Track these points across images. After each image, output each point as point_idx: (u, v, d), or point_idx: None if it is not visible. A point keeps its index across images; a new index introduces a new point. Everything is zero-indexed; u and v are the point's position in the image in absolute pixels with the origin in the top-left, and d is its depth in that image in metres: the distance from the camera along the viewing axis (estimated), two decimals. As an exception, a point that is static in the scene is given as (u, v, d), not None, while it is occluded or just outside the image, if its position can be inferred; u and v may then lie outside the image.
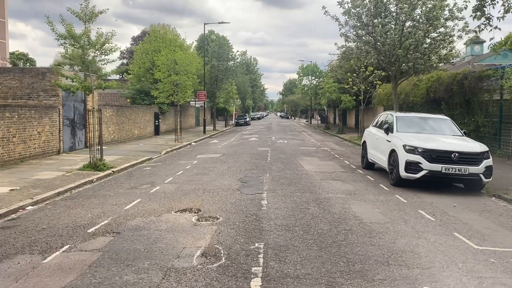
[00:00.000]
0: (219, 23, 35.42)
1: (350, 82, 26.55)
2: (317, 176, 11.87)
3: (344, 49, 37.78)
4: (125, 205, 8.37)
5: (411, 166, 9.89)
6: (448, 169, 9.55)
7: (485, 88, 17.14)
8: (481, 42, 39.88)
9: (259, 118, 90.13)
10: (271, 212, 7.47)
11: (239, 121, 55.04)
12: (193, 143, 25.30)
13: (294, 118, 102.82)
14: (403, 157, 10.04)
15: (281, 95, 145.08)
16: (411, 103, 23.58)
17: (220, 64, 38.95)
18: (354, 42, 19.09)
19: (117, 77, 53.29)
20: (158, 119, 31.22)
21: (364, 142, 13.82)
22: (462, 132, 11.44)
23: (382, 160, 11.68)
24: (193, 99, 40.16)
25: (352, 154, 18.60)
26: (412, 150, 9.96)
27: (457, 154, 9.59)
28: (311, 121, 63.89)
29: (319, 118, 62.53)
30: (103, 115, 22.61)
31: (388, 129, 11.51)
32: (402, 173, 10.07)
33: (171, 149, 20.79)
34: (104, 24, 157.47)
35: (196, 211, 7.69)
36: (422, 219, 7.22)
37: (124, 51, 57.97)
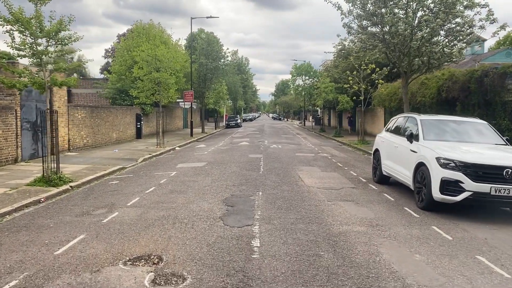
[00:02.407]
0: (207, 17, 32.83)
1: (350, 81, 24.18)
2: (322, 194, 9.45)
3: (340, 47, 35.74)
4: (59, 246, 5.90)
5: (449, 186, 7.52)
6: (500, 191, 7.19)
7: (509, 86, 14.92)
8: (483, 40, 37.98)
9: (251, 120, 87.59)
10: (265, 266, 5.01)
11: (230, 123, 52.47)
12: (177, 148, 22.80)
13: (287, 120, 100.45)
14: (438, 174, 7.67)
15: (273, 96, 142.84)
16: (418, 103, 21.31)
17: (209, 63, 36.41)
18: (358, 34, 16.72)
19: (101, 76, 50.53)
20: (140, 121, 28.64)
21: (377, 150, 11.44)
22: (504, 139, 9.12)
23: (403, 174, 9.31)
24: (180, 100, 37.67)
25: (356, 162, 16.24)
26: (450, 164, 7.60)
27: (510, 171, 7.25)
28: (304, 123, 61.59)
29: (312, 119, 60.25)
30: (74, 117, 20.08)
31: (412, 136, 9.14)
32: (436, 194, 7.70)
33: (150, 155, 18.28)
34: (93, 25, 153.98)
35: (156, 261, 5.23)
36: (492, 276, 4.83)
37: (109, 50, 55.24)
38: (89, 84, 37.69)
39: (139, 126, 28.62)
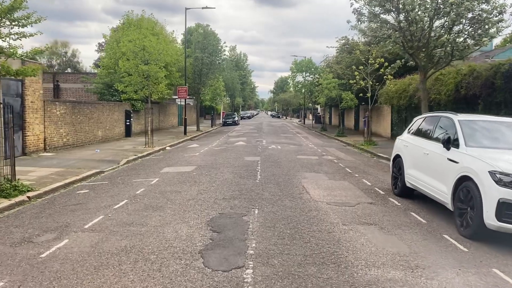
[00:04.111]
0: (203, 8, 30.78)
1: (357, 77, 22.23)
2: (334, 213, 7.52)
3: (344, 41, 33.81)
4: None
5: (511, 211, 5.61)
6: None
7: (544, 82, 13.05)
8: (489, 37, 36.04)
9: (249, 117, 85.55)
10: None
11: (227, 120, 50.48)
12: (167, 148, 20.86)
13: (286, 118, 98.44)
14: (493, 193, 5.75)
15: (272, 94, 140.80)
16: (432, 102, 19.36)
17: (205, 57, 34.37)
18: (370, 22, 14.77)
19: (94, 71, 48.50)
20: (129, 118, 26.63)
21: (398, 156, 9.50)
22: None
23: (436, 190, 7.38)
24: (174, 96, 35.75)
25: (366, 166, 14.32)
26: (509, 180, 5.68)
27: None
28: (304, 121, 59.62)
29: (312, 118, 58.29)
30: (51, 114, 18.08)
31: (449, 141, 7.20)
32: (490, 220, 5.78)
33: (135, 157, 16.34)
34: (92, 20, 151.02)
35: None
36: None
37: (102, 43, 53.21)
38: (78, 79, 35.76)
39: (128, 123, 26.62)
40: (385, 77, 21.39)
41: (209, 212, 7.44)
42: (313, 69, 46.14)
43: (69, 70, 71.53)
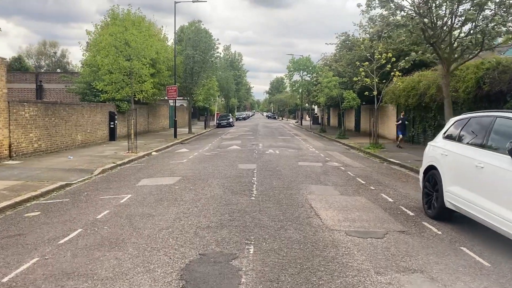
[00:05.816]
0: (193, 1, 28.70)
1: (362, 74, 20.22)
2: (359, 252, 5.45)
3: (344, 37, 31.88)
4: None
5: None
6: None
7: None
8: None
9: (244, 119, 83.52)
10: None
11: (221, 122, 48.32)
12: (153, 153, 18.79)
13: (282, 119, 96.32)
14: None
15: (267, 94, 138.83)
16: (447, 100, 17.39)
17: (197, 54, 32.25)
18: (382, 7, 12.77)
19: (76, 70, 46.25)
20: (114, 120, 24.50)
21: (432, 168, 7.44)
22: None
23: (499, 218, 5.34)
24: (163, 97, 33.62)
25: (380, 175, 12.28)
26: None
27: None
28: (301, 122, 57.58)
29: (309, 118, 56.23)
30: (19, 116, 15.90)
31: (521, 151, 5.17)
32: None
33: (113, 164, 14.26)
34: (87, 22, 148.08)
35: None
36: None
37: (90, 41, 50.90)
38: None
39: (112, 126, 24.49)
40: (392, 73, 19.42)
41: (186, 252, 5.35)
42: (310, 68, 44.11)
43: (58, 70, 69.15)
